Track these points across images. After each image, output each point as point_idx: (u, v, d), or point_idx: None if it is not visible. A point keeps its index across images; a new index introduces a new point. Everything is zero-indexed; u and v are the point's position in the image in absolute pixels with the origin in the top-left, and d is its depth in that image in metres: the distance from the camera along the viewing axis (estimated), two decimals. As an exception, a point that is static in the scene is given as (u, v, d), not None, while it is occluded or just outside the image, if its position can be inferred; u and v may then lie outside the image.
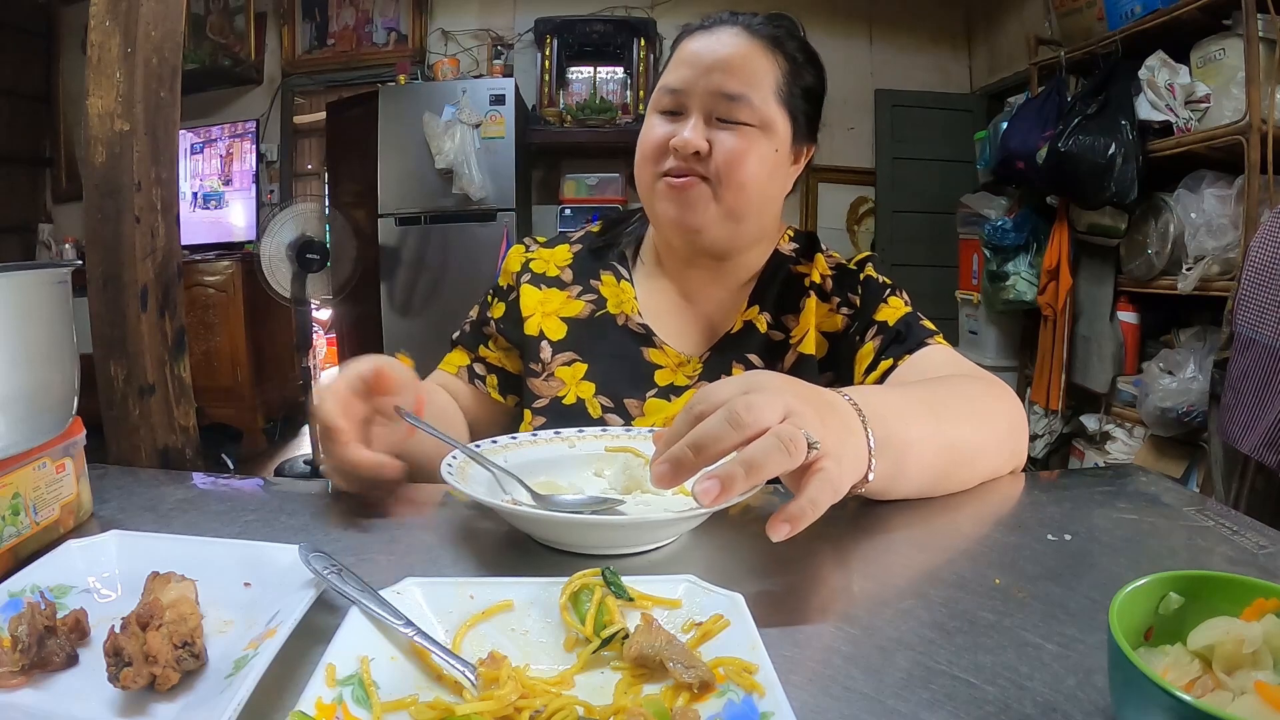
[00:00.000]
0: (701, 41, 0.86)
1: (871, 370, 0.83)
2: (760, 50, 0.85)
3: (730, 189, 0.83)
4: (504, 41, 4.00)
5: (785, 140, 0.86)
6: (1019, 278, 3.03)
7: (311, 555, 0.46)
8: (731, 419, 0.48)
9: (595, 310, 0.94)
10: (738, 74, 0.83)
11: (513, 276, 0.97)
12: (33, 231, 4.13)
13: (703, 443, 0.48)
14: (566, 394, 0.90)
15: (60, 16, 4.07)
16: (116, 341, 0.95)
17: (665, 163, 0.84)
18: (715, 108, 0.83)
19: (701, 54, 0.84)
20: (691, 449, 0.49)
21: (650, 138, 0.86)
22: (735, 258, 0.91)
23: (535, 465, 0.69)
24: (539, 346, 0.92)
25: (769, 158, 0.85)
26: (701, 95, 0.83)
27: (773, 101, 0.84)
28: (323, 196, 3.93)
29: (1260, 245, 1.83)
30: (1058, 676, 0.41)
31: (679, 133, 0.83)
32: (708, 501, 0.47)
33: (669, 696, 0.38)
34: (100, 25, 0.92)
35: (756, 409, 0.49)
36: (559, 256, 0.99)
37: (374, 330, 3.49)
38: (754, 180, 0.84)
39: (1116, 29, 2.60)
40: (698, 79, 0.83)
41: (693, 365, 0.90)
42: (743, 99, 0.82)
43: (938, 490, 0.66)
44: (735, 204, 0.84)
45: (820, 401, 0.54)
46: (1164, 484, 0.72)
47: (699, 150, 0.82)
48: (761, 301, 0.91)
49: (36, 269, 0.53)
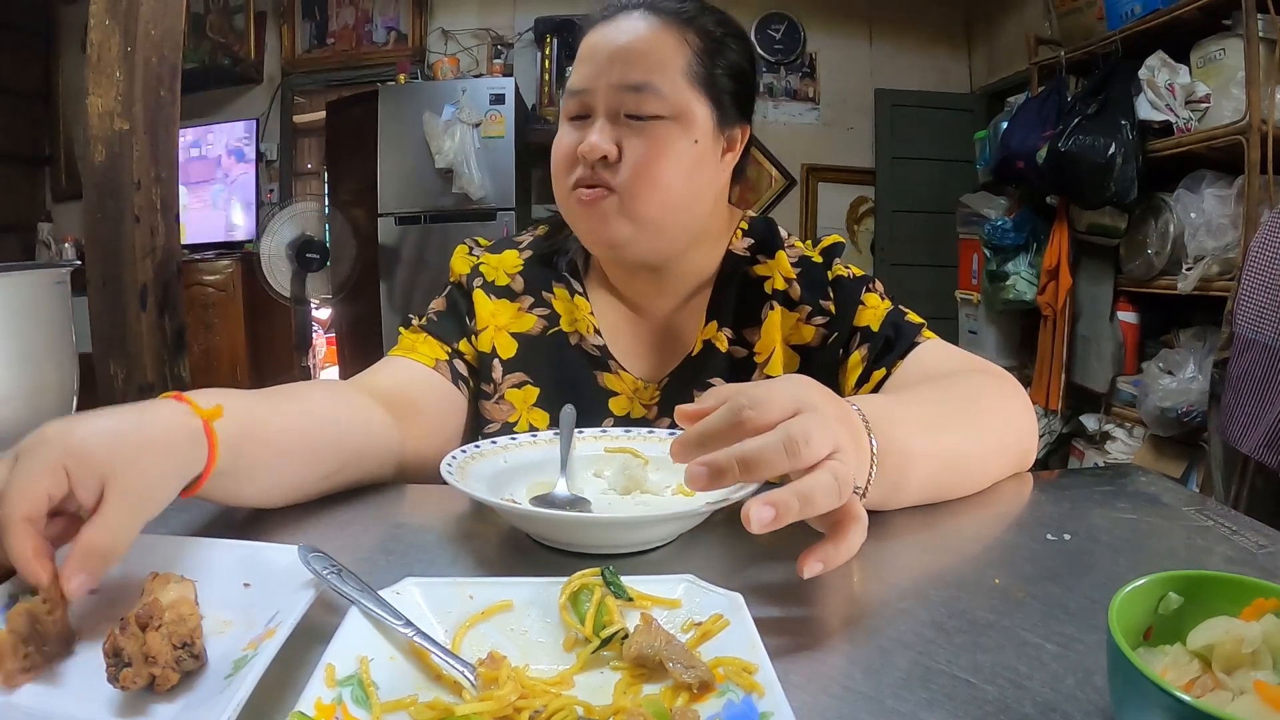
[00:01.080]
0: (600, 32, 0.78)
1: (864, 382, 0.79)
2: (665, 31, 0.76)
3: (639, 199, 0.75)
4: (504, 41, 4.00)
5: (707, 128, 0.78)
6: (1019, 277, 3.03)
7: (311, 555, 0.46)
8: (790, 447, 0.46)
9: (548, 327, 0.86)
10: (639, 61, 0.75)
11: (463, 279, 0.88)
12: (32, 231, 4.13)
13: (754, 463, 0.46)
14: (518, 420, 0.83)
15: (60, 15, 4.07)
16: (116, 341, 0.95)
17: (575, 174, 0.77)
18: (621, 103, 0.75)
19: (600, 46, 0.77)
20: (740, 465, 0.46)
21: (559, 148, 0.79)
22: (673, 266, 0.84)
23: (535, 465, 0.69)
24: (491, 364, 0.84)
25: (687, 152, 0.76)
26: (604, 92, 0.76)
27: (685, 87, 0.76)
28: (322, 196, 3.93)
29: (1260, 245, 1.83)
30: (1057, 676, 0.41)
31: (586, 138, 0.75)
32: (759, 528, 0.44)
33: (668, 696, 0.38)
34: (100, 24, 0.92)
35: (814, 444, 0.46)
36: (507, 263, 0.89)
37: (374, 330, 3.49)
38: (670, 182, 0.76)
39: (1116, 29, 2.60)
40: (598, 75, 0.76)
41: (650, 391, 0.84)
42: (648, 88, 0.74)
43: (939, 499, 0.65)
44: (649, 213, 0.76)
45: (853, 428, 0.53)
46: (1164, 484, 0.71)
47: (606, 155, 0.74)
48: (719, 315, 0.84)
49: (36, 269, 0.53)
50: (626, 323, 0.87)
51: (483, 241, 0.92)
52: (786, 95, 4.08)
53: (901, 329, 0.80)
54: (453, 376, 0.83)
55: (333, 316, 4.00)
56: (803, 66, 4.10)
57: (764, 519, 0.44)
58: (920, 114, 4.01)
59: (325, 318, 4.18)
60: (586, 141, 0.75)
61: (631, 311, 0.87)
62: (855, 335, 0.81)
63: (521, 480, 0.67)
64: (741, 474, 0.46)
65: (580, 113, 0.78)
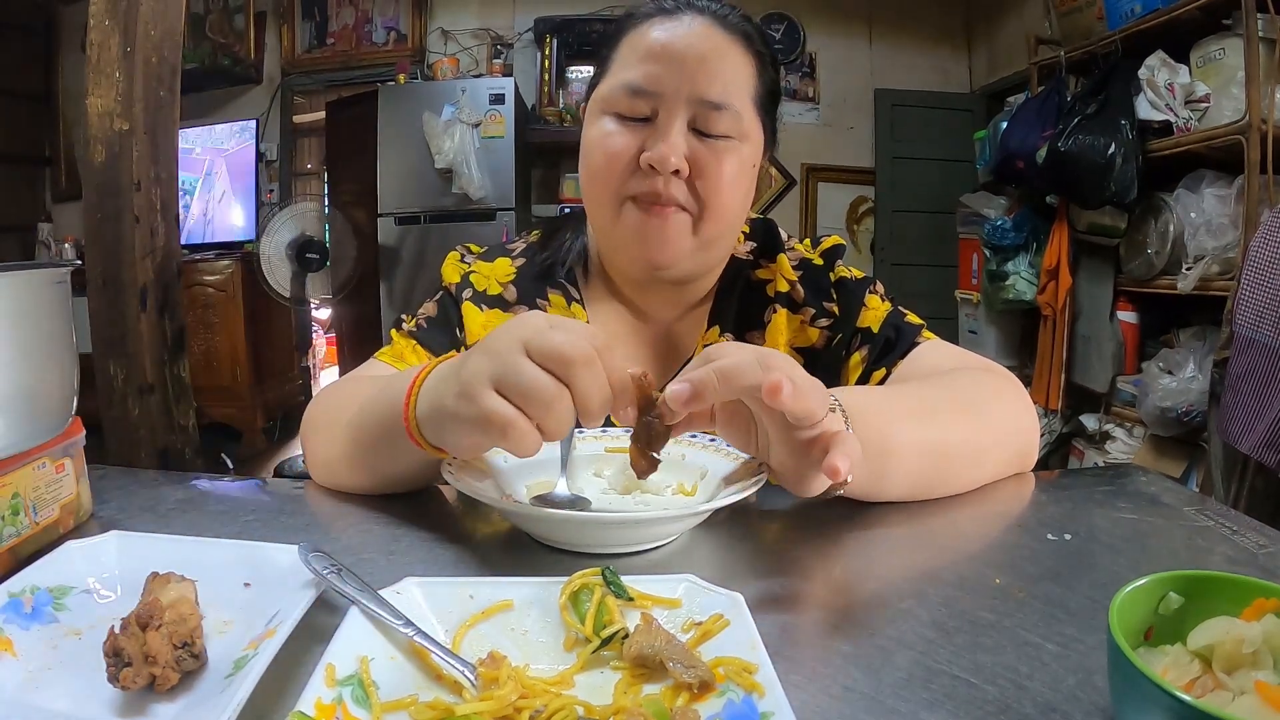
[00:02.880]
0: (670, 31, 0.72)
1: (863, 382, 0.79)
2: (739, 50, 0.73)
3: (713, 219, 0.73)
4: (504, 41, 4.01)
5: (759, 152, 0.77)
6: (1019, 277, 3.03)
7: (311, 555, 0.46)
8: (761, 361, 0.50)
9: None
10: (720, 78, 0.71)
11: (453, 289, 0.85)
12: (32, 231, 4.13)
13: (730, 374, 0.50)
14: None
15: (60, 16, 4.07)
16: (116, 341, 0.95)
17: (632, 181, 0.72)
18: (694, 116, 0.71)
19: (676, 48, 0.71)
20: (718, 375, 0.50)
21: (608, 147, 0.72)
22: (697, 280, 0.83)
23: (535, 465, 0.69)
24: None
25: (748, 176, 0.75)
26: (682, 101, 0.70)
27: (751, 110, 0.74)
28: (322, 196, 3.94)
29: (1260, 245, 1.83)
30: (1057, 676, 0.41)
31: (652, 145, 0.70)
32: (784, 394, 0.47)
33: (669, 696, 0.38)
34: (100, 24, 0.92)
35: (780, 363, 0.51)
36: (499, 271, 0.86)
37: (374, 330, 3.50)
38: (737, 204, 0.75)
39: (1116, 29, 2.60)
40: (676, 80, 0.70)
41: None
42: (728, 109, 0.71)
43: (930, 493, 0.65)
44: (715, 233, 0.74)
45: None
46: (1164, 484, 0.71)
47: (679, 170, 0.70)
48: (722, 321, 0.83)
49: (36, 269, 0.53)
50: (627, 330, 0.86)
51: (475, 249, 0.90)
52: (786, 95, 4.08)
53: (901, 330, 0.80)
54: None
55: (333, 317, 4.01)
56: (803, 66, 4.10)
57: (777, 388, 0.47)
58: (920, 114, 4.01)
59: (325, 318, 4.18)
60: (658, 151, 0.69)
61: (633, 319, 0.86)
62: (856, 336, 0.81)
63: (521, 480, 0.67)
64: (719, 384, 0.50)
65: (640, 114, 0.72)
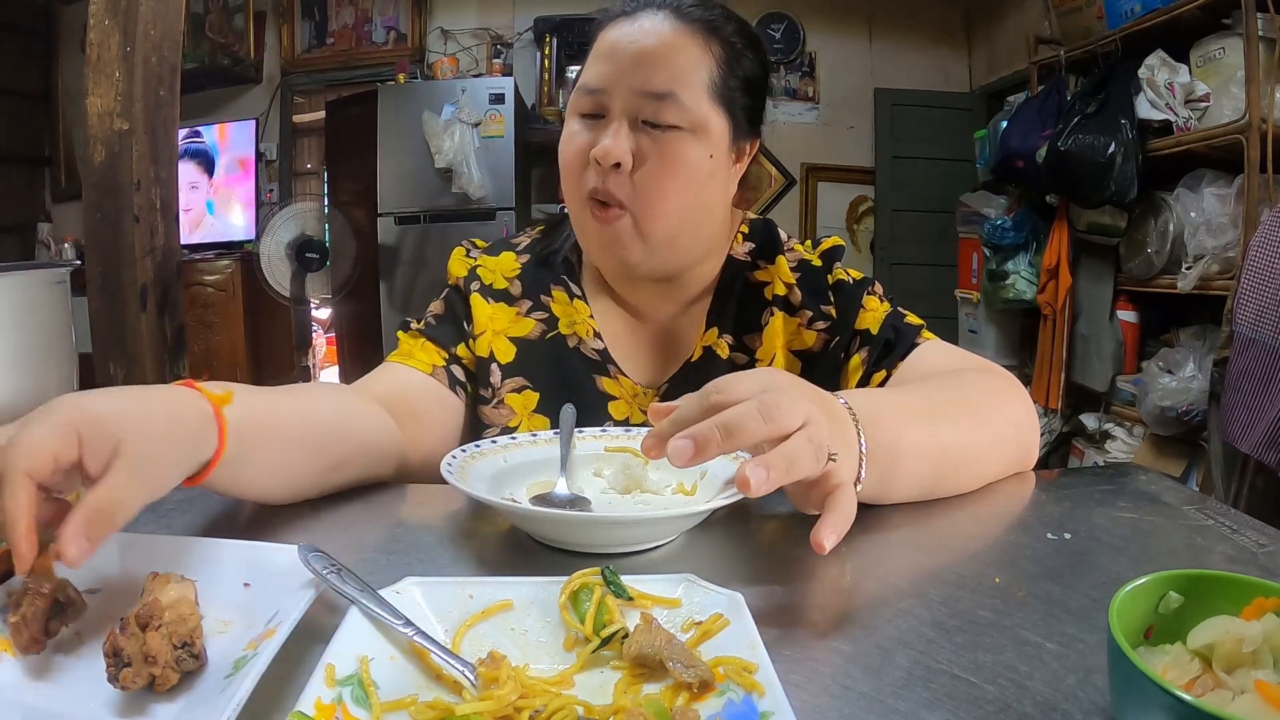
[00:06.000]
0: (622, 30, 0.75)
1: (864, 384, 0.79)
2: (691, 38, 0.74)
3: (652, 216, 0.74)
4: (503, 40, 4.01)
5: (723, 142, 0.77)
6: (1019, 277, 3.03)
7: (311, 555, 0.46)
8: (764, 412, 0.48)
9: (546, 331, 0.85)
10: (664, 68, 0.73)
11: (461, 282, 0.87)
12: (32, 231, 4.13)
13: (733, 428, 0.48)
14: (518, 425, 0.82)
15: (60, 16, 4.07)
16: (116, 341, 0.95)
17: (588, 176, 0.75)
18: (639, 109, 0.73)
19: (622, 45, 0.74)
20: (721, 431, 0.48)
21: (570, 145, 0.76)
22: (680, 277, 0.84)
23: (535, 465, 0.69)
24: (489, 369, 0.83)
25: (701, 166, 0.75)
26: (624, 95, 0.73)
27: (706, 100, 0.74)
28: (322, 196, 3.93)
29: (1260, 244, 1.83)
30: (1057, 675, 0.41)
31: (599, 139, 0.73)
32: (754, 486, 0.46)
33: (669, 696, 0.38)
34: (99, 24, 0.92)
35: (785, 409, 0.49)
36: (505, 266, 0.88)
37: (373, 330, 3.50)
38: (685, 199, 0.75)
39: (1116, 28, 2.60)
40: (618, 76, 0.73)
41: (650, 396, 0.84)
42: (671, 98, 0.72)
43: (935, 495, 0.65)
44: (661, 231, 0.76)
45: (830, 410, 0.54)
46: (1164, 483, 0.71)
47: (620, 162, 0.73)
48: (720, 322, 0.84)
49: (36, 269, 0.53)
50: (626, 327, 0.87)
51: (480, 243, 0.92)
52: (786, 94, 4.08)
53: (901, 330, 0.80)
54: (450, 382, 0.82)
55: (332, 316, 4.00)
56: (802, 66, 4.10)
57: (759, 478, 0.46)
58: (920, 113, 4.01)
59: (325, 318, 4.18)
60: (600, 145, 0.73)
61: (631, 316, 0.87)
62: (855, 338, 0.81)
63: (521, 480, 0.67)
64: (723, 440, 0.48)
65: (593, 111, 0.76)
